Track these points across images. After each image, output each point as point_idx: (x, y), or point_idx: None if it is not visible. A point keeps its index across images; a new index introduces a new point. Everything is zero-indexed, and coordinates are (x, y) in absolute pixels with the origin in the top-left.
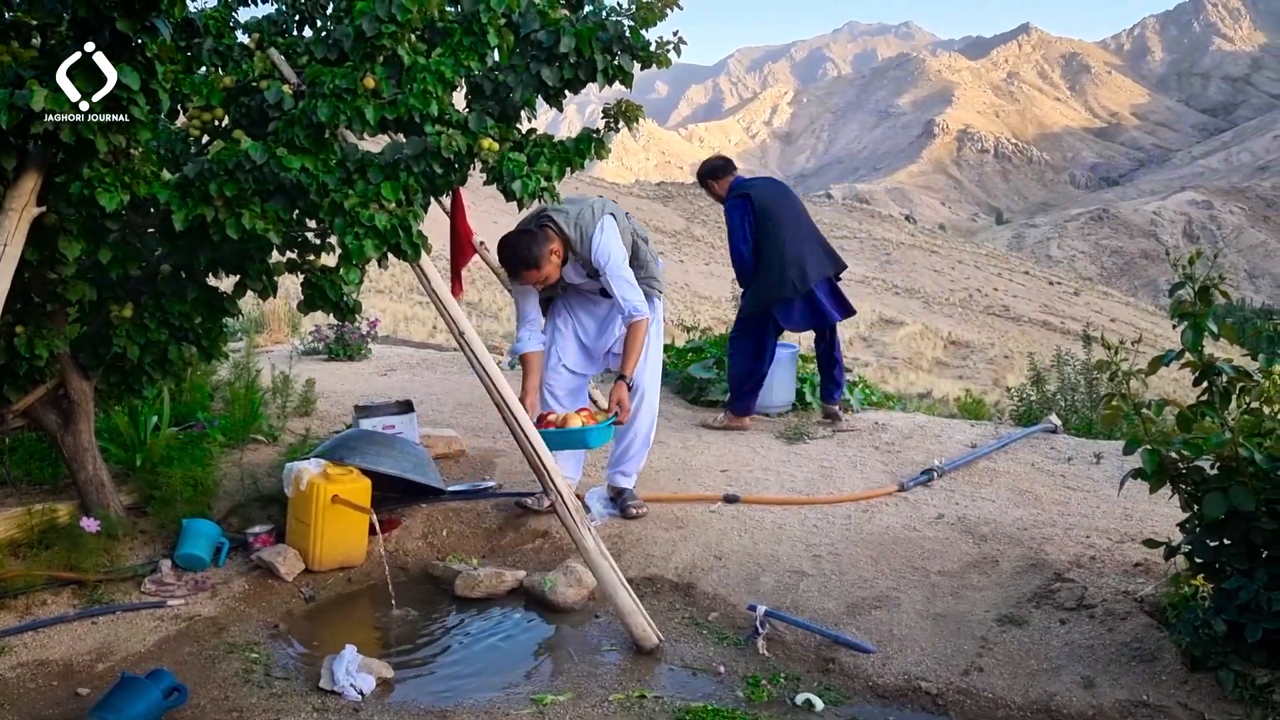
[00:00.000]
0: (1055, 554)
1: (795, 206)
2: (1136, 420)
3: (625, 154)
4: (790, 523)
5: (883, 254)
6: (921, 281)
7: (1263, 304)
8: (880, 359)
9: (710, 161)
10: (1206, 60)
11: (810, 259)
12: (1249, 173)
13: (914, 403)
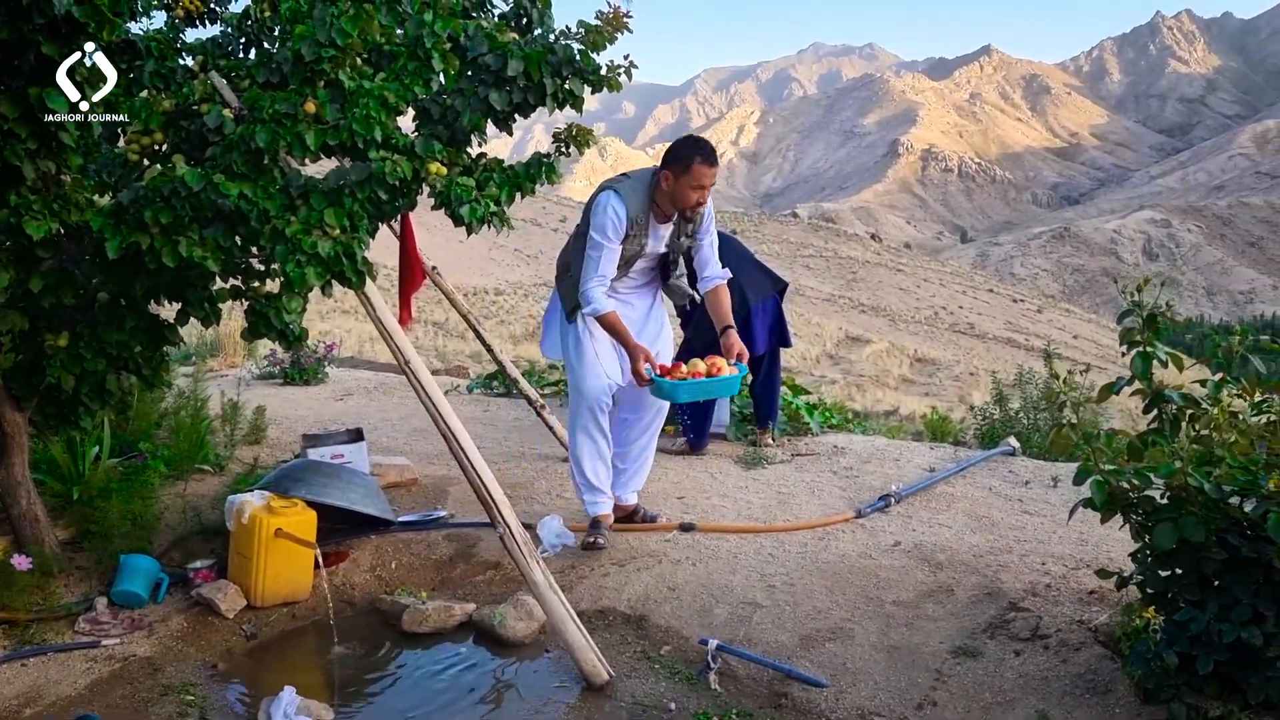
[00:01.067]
0: (1011, 582)
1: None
2: (1086, 449)
3: (592, 173)
4: (746, 552)
5: (849, 272)
6: (888, 299)
7: (1220, 320)
8: (847, 376)
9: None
10: (1163, 82)
11: (747, 282)
12: (1205, 192)
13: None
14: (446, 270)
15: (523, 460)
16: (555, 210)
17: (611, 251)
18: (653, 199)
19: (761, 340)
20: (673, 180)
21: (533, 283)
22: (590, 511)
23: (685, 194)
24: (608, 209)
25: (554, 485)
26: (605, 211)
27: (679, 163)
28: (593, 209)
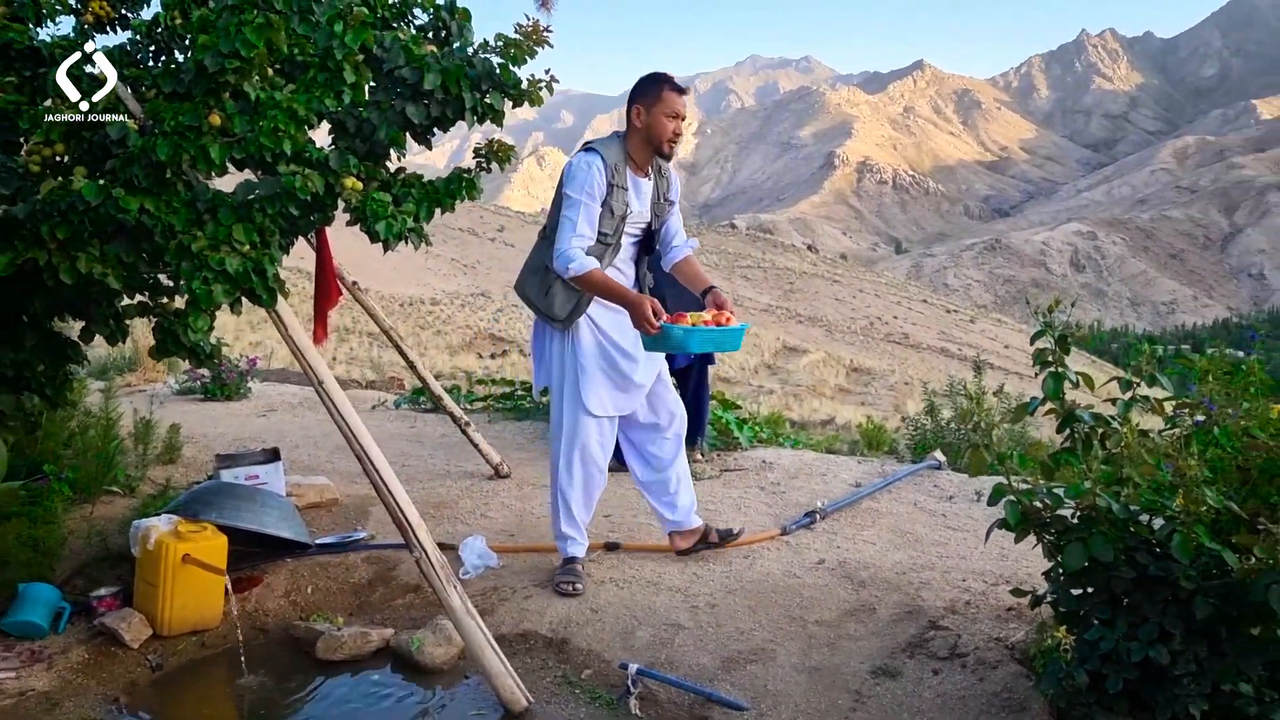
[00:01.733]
0: (932, 600)
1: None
2: (1000, 469)
3: (531, 183)
4: (670, 571)
5: (786, 283)
6: (824, 310)
7: (1144, 330)
8: (784, 386)
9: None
10: (1088, 98)
11: (672, 292)
12: (1129, 205)
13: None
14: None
15: (448, 479)
16: (492, 219)
17: (590, 209)
18: (626, 152)
19: (682, 356)
20: (645, 113)
21: (470, 292)
22: (565, 552)
23: (661, 124)
24: (583, 164)
25: (478, 504)
26: (581, 167)
27: (648, 95)
28: (566, 175)
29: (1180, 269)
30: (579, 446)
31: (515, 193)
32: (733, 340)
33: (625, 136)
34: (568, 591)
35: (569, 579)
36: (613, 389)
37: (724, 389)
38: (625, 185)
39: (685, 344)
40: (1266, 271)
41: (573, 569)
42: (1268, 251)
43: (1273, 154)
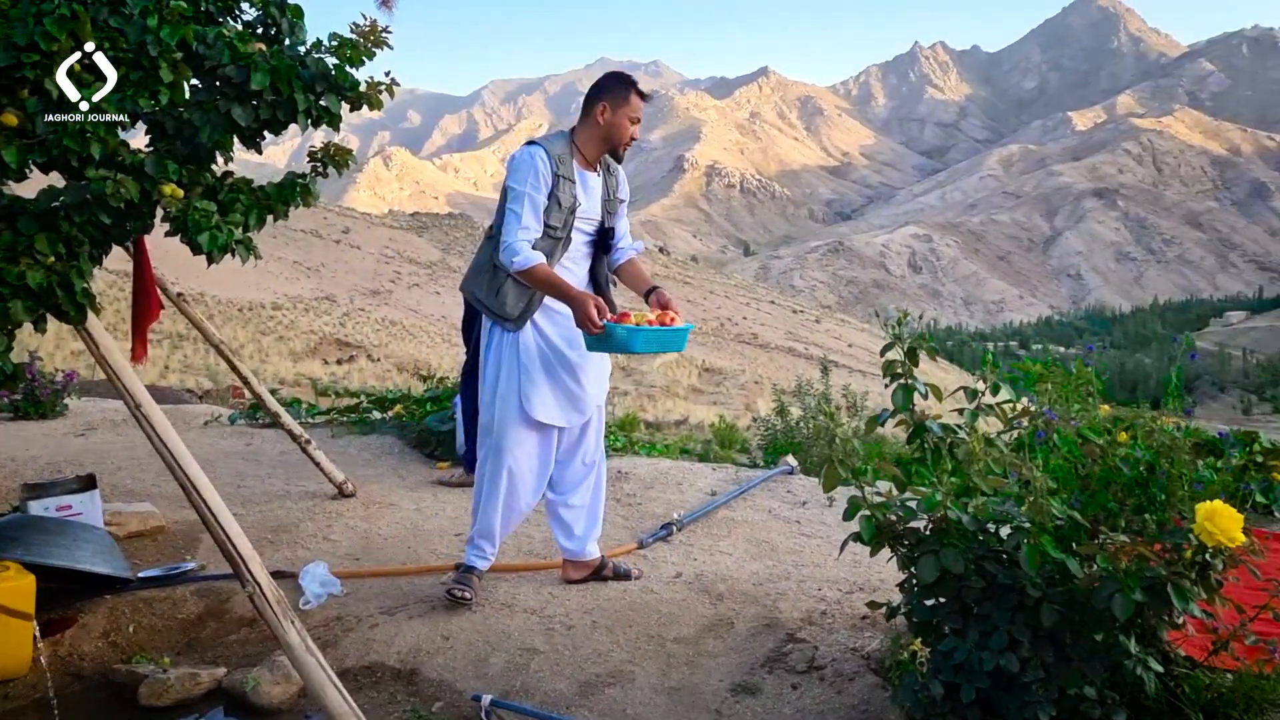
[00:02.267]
0: (789, 611)
1: None
2: (855, 482)
3: (378, 183)
4: (525, 592)
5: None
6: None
7: (976, 328)
8: (639, 388)
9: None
10: (922, 107)
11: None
12: (961, 209)
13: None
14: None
15: (288, 500)
16: (337, 221)
17: (535, 201)
18: (573, 145)
19: None
20: (609, 112)
21: (314, 296)
22: (469, 560)
23: (623, 126)
24: (525, 156)
25: (321, 527)
26: (524, 159)
27: (616, 95)
28: (510, 168)
29: (1008, 270)
30: (508, 458)
31: (361, 194)
32: (677, 340)
33: (575, 131)
34: (458, 596)
35: (462, 586)
36: (559, 397)
37: None
38: (572, 178)
39: (629, 344)
40: (1084, 272)
41: (468, 578)
42: (1084, 254)
43: (1087, 162)
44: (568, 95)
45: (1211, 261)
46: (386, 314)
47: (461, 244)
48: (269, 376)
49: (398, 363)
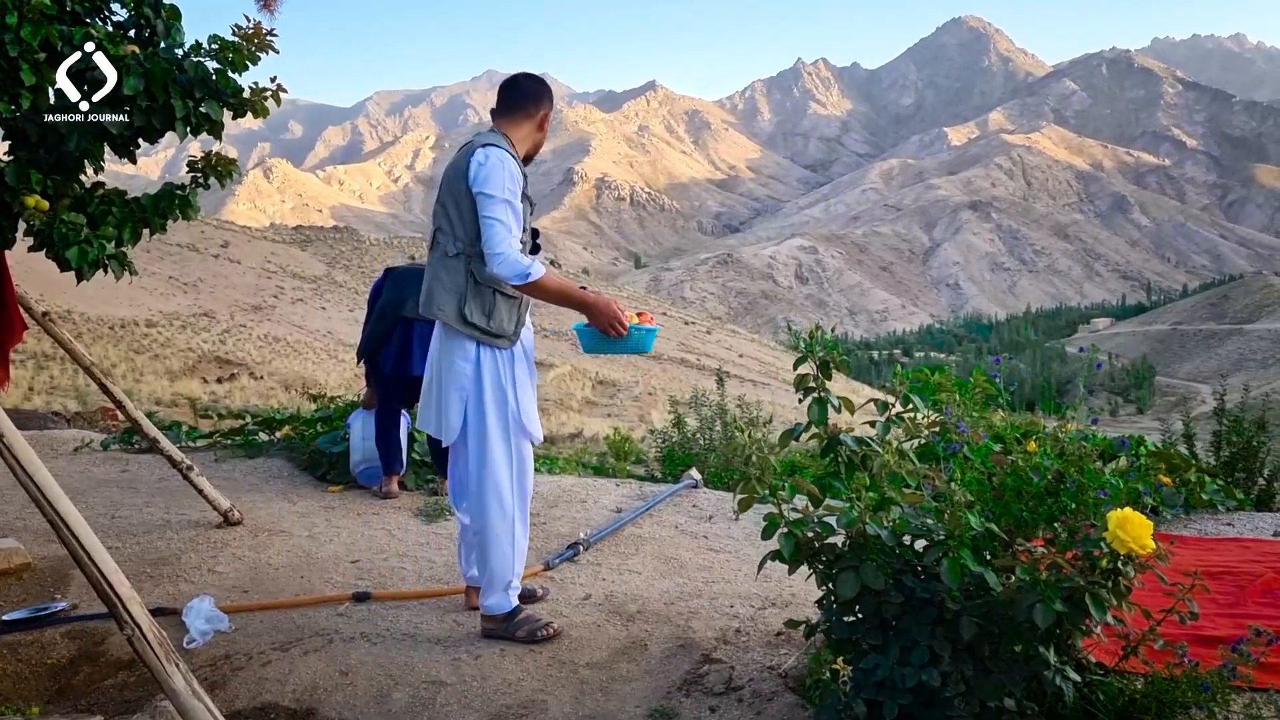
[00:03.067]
0: (702, 630)
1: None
2: (771, 501)
3: (259, 196)
4: (428, 620)
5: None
6: (568, 324)
7: (861, 337)
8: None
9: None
10: (806, 122)
11: (413, 299)
12: (845, 221)
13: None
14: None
15: (169, 530)
16: (215, 235)
17: (516, 208)
18: (510, 145)
19: (419, 362)
20: (547, 120)
21: (191, 313)
22: (509, 605)
23: (538, 136)
24: (497, 158)
25: (205, 558)
26: (501, 164)
27: (549, 101)
28: (481, 168)
29: (890, 280)
30: (527, 482)
31: (241, 206)
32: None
33: (506, 131)
34: (547, 636)
35: (538, 626)
36: (535, 410)
37: None
38: (525, 176)
39: (643, 345)
40: (961, 282)
41: (530, 615)
42: (961, 264)
43: (962, 176)
44: (454, 107)
45: (1078, 271)
46: (269, 330)
47: (347, 258)
48: (144, 397)
49: (282, 380)
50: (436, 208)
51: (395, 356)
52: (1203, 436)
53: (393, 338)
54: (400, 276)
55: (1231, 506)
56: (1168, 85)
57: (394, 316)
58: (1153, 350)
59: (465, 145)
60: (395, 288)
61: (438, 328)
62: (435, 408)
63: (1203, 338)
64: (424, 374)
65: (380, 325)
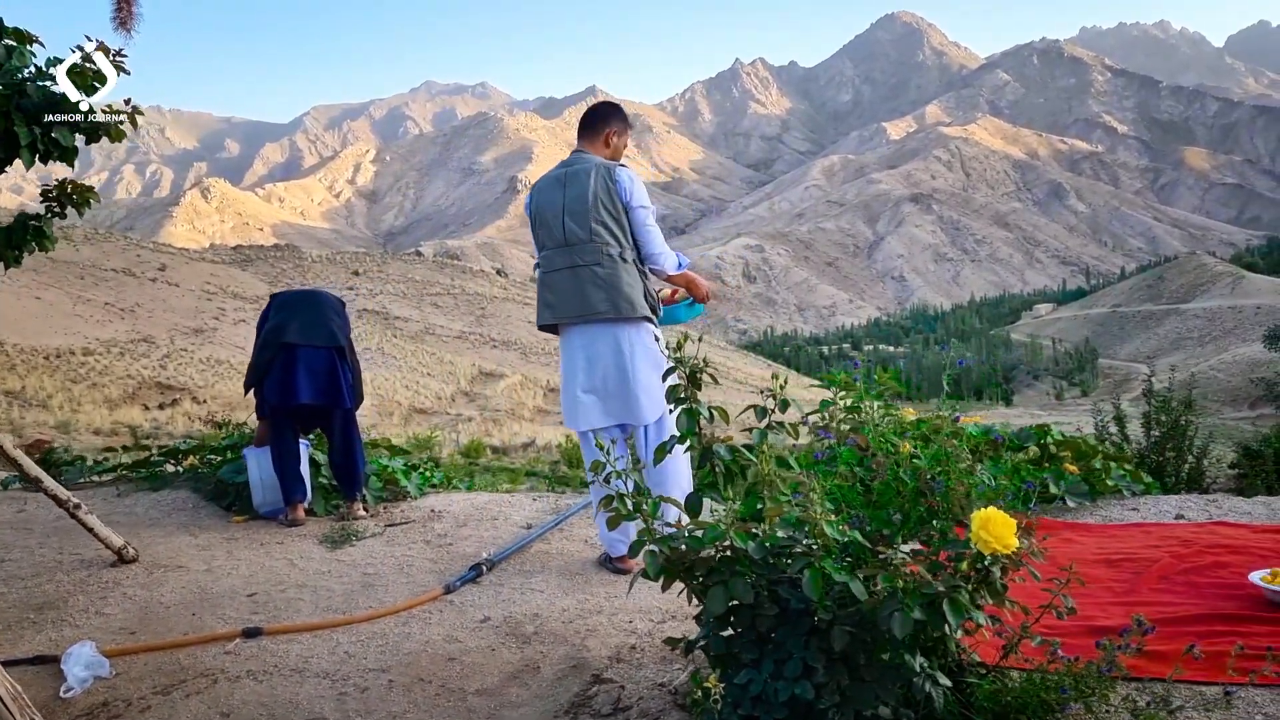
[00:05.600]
0: (598, 649)
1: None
2: (639, 518)
3: (197, 217)
4: (319, 653)
5: (477, 308)
6: (517, 333)
7: (810, 332)
8: (484, 412)
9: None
10: (746, 122)
11: (294, 324)
12: (789, 219)
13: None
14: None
15: (59, 571)
16: (152, 258)
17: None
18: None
19: (304, 390)
20: (618, 137)
21: (130, 339)
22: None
23: (621, 152)
24: (633, 177)
25: (94, 600)
26: (637, 180)
27: (624, 122)
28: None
29: (836, 275)
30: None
31: (179, 228)
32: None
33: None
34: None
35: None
36: None
37: (421, 420)
38: None
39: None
40: (906, 274)
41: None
42: (905, 256)
43: (902, 170)
44: (394, 120)
45: (1019, 259)
46: (211, 353)
47: (290, 275)
48: (82, 427)
49: (227, 403)
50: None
51: (280, 385)
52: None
53: (275, 366)
54: (284, 304)
55: (1139, 491)
56: (1097, 73)
57: (276, 344)
58: (1094, 333)
59: (579, 166)
60: (281, 314)
61: (609, 329)
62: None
63: (1141, 319)
64: (315, 400)
65: (263, 354)
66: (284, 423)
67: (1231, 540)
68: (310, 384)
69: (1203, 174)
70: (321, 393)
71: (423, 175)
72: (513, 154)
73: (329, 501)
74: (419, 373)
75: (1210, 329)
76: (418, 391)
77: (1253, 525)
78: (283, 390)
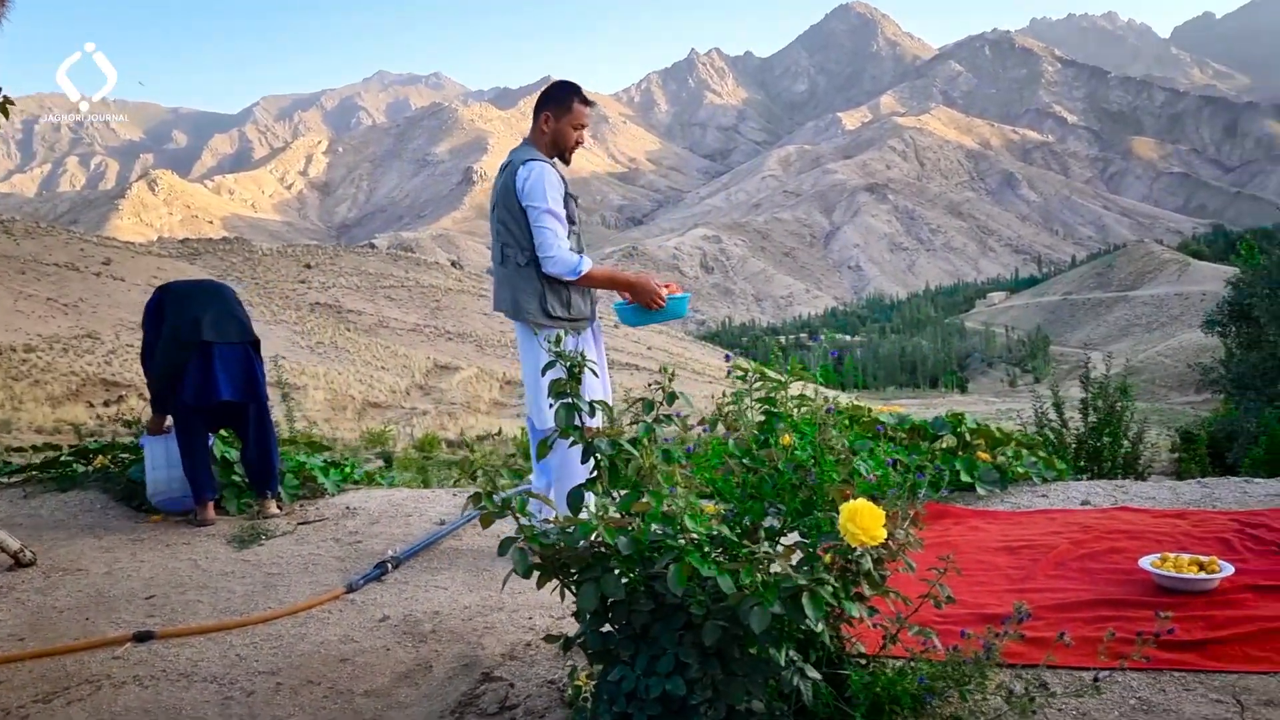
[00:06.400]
0: (493, 646)
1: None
2: (510, 515)
3: (144, 209)
4: (210, 657)
5: (433, 301)
6: (473, 325)
7: (768, 323)
8: (439, 405)
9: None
10: (703, 112)
11: (206, 319)
12: (746, 210)
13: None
14: None
15: None
16: (96, 252)
17: (558, 214)
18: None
19: (225, 387)
20: (553, 120)
21: (73, 334)
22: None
23: (567, 134)
24: (537, 172)
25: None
26: (538, 177)
27: (560, 104)
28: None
29: (793, 265)
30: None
31: (125, 221)
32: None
33: (533, 140)
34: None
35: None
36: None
37: (375, 414)
38: (564, 176)
39: (679, 309)
40: (862, 264)
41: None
42: (861, 246)
43: (858, 160)
44: (346, 110)
45: (973, 247)
46: None
47: (239, 269)
48: (24, 426)
49: None
50: (498, 225)
51: (198, 384)
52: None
53: (191, 365)
54: (183, 296)
55: (1051, 477)
56: (1048, 64)
57: (192, 341)
58: (1046, 321)
59: (506, 164)
60: (182, 309)
61: (521, 329)
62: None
63: (1091, 306)
64: (235, 397)
65: (179, 353)
66: (196, 422)
67: (1130, 525)
68: (229, 381)
69: (1150, 163)
70: (239, 389)
71: (376, 167)
72: (468, 145)
73: (241, 500)
74: (373, 366)
75: (1158, 315)
76: (371, 386)
77: (1153, 510)
78: (201, 389)
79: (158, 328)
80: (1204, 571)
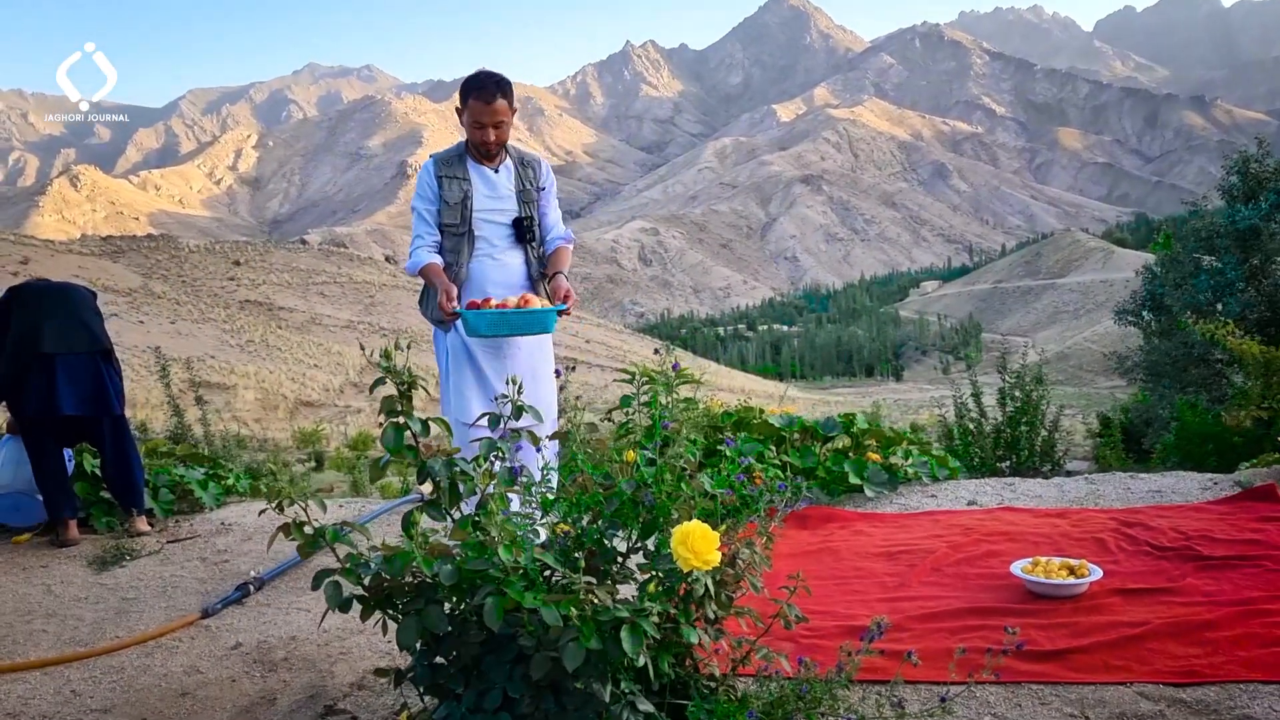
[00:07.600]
0: (344, 675)
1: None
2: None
3: (66, 206)
4: (43, 694)
5: (367, 296)
6: (407, 321)
7: (707, 314)
8: (374, 404)
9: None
10: (639, 104)
11: (48, 329)
12: (683, 202)
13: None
14: None
15: None
16: (14, 250)
17: (421, 213)
18: (468, 146)
19: (67, 401)
20: (460, 117)
21: None
22: None
23: (470, 130)
24: (420, 172)
25: None
26: (419, 175)
27: (462, 101)
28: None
29: (731, 257)
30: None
31: (46, 218)
32: (533, 323)
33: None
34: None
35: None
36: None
37: (308, 413)
38: (460, 175)
39: (476, 328)
40: (798, 254)
41: None
42: (798, 237)
43: (793, 151)
44: (276, 103)
45: (907, 237)
46: None
47: (165, 267)
48: None
49: None
50: None
51: (39, 397)
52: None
53: (31, 377)
54: (31, 299)
55: (944, 476)
56: (976, 56)
57: (31, 353)
58: (977, 308)
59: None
60: (26, 315)
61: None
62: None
63: (1021, 294)
64: (80, 412)
65: (15, 365)
66: (43, 436)
67: (1011, 527)
68: (73, 394)
69: (1075, 154)
70: (86, 402)
71: (308, 161)
72: (402, 138)
73: (107, 518)
74: (305, 364)
75: (1084, 302)
76: (304, 384)
77: (1035, 510)
78: (42, 402)
79: (3, 333)
80: (1074, 575)
